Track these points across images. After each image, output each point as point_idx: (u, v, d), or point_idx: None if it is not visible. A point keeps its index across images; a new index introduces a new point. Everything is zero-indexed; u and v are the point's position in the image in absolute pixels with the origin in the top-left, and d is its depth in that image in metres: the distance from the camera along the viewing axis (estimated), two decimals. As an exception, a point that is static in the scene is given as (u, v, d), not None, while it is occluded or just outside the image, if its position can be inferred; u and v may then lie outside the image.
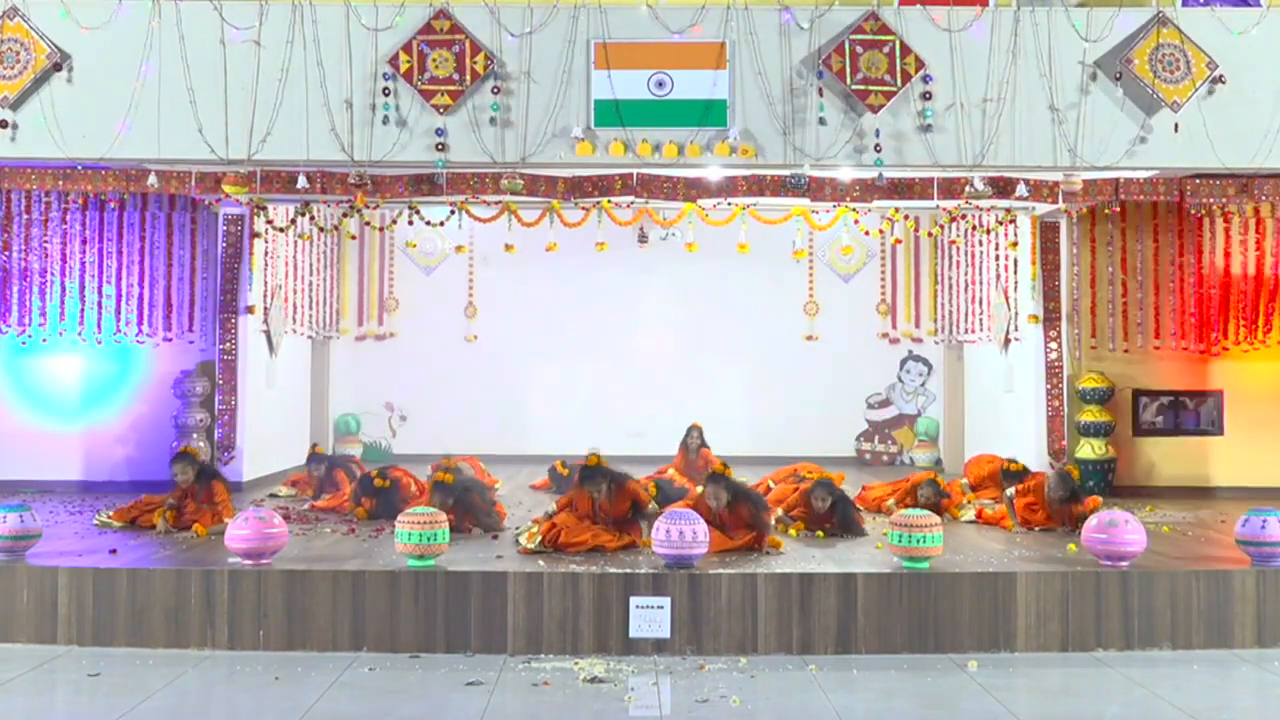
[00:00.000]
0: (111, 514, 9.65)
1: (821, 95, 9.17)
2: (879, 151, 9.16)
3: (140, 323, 12.22)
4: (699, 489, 9.25)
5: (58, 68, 9.13)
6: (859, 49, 9.16)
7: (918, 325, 15.57)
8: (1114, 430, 12.27)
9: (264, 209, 11.81)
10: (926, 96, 9.18)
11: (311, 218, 12.51)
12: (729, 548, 8.46)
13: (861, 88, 9.13)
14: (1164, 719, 6.36)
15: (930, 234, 14.09)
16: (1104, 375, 12.30)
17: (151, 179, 10.12)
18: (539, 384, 15.45)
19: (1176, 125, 9.23)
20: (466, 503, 9.37)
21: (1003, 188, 10.24)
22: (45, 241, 12.09)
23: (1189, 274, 12.42)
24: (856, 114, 9.21)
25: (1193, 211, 12.04)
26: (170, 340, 12.29)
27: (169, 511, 9.34)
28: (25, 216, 12.05)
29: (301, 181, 9.92)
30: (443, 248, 15.55)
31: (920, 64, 9.18)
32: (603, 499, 8.71)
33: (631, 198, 10.59)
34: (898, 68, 9.16)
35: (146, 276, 12.25)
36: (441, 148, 9.16)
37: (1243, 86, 9.32)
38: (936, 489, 10.41)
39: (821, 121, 9.15)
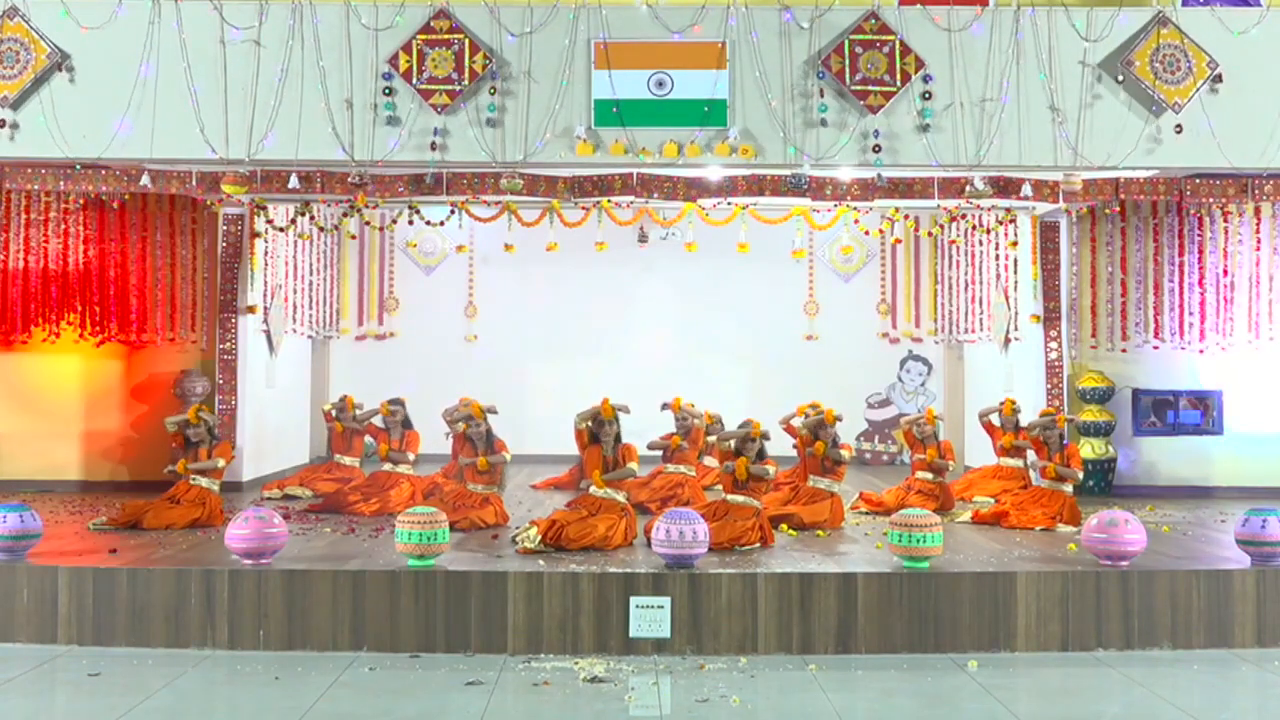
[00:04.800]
0: (106, 520, 9.63)
1: (823, 96, 9.17)
2: (878, 152, 9.16)
3: (141, 322, 12.23)
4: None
5: (59, 68, 9.13)
6: (859, 49, 9.16)
7: (918, 325, 15.56)
8: (1114, 430, 12.28)
9: (264, 209, 11.82)
10: (926, 96, 9.18)
11: (311, 218, 12.51)
12: (732, 537, 8.53)
13: (861, 88, 9.13)
14: (1164, 719, 6.36)
15: (930, 234, 14.09)
16: (1104, 375, 12.31)
17: (144, 180, 10.12)
18: (539, 384, 15.43)
19: (1179, 126, 9.23)
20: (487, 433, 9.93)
21: (1003, 187, 10.25)
22: (45, 241, 12.10)
23: (1189, 274, 12.42)
24: (856, 114, 9.22)
25: (1192, 211, 12.05)
26: (171, 340, 12.29)
27: (183, 460, 9.88)
28: (25, 216, 12.05)
29: (293, 182, 9.92)
30: (443, 248, 15.55)
31: (920, 64, 9.18)
32: (610, 454, 9.00)
33: (631, 197, 10.60)
34: (897, 68, 9.17)
35: (147, 276, 12.25)
36: (435, 147, 9.16)
37: (1244, 86, 9.32)
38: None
39: (823, 123, 9.15)
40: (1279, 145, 9.36)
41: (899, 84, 9.15)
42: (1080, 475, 10.20)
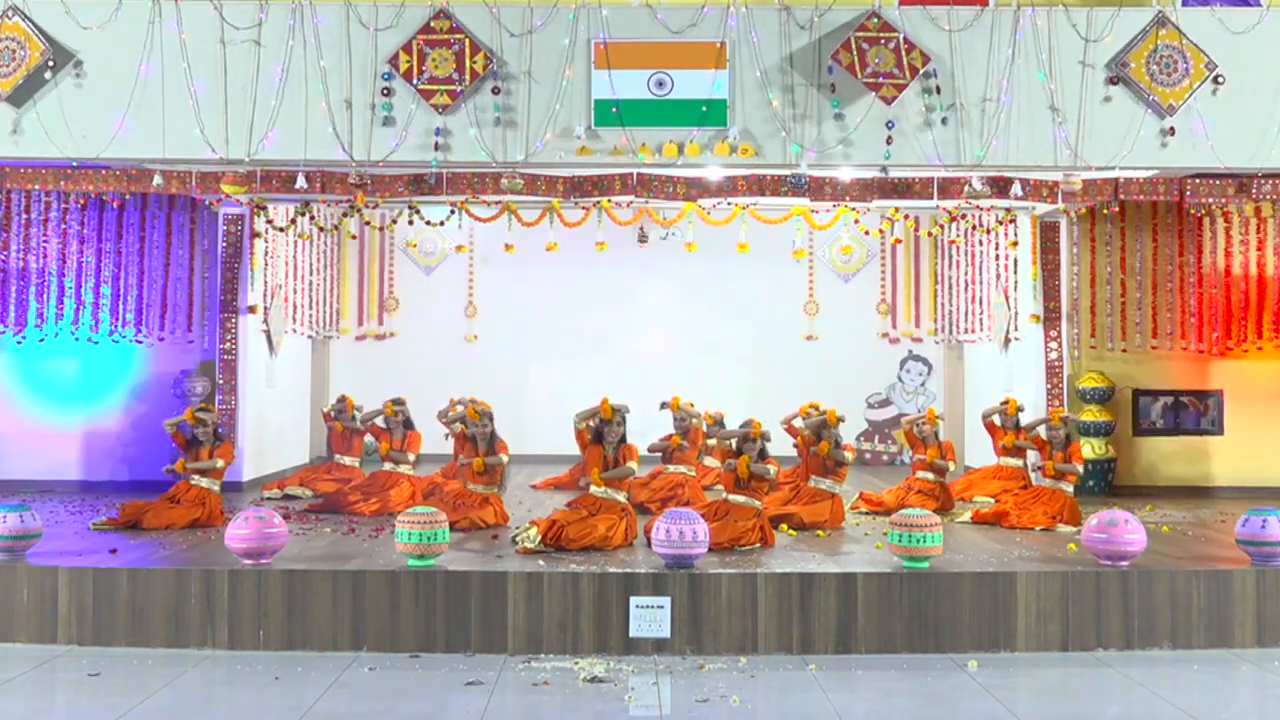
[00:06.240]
0: (106, 520, 9.63)
1: (835, 91, 9.09)
2: (890, 144, 9.12)
3: (139, 322, 12.23)
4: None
5: (51, 67, 9.09)
6: (865, 45, 9.12)
7: (918, 325, 15.56)
8: (1114, 430, 12.28)
9: (264, 209, 11.82)
10: (936, 90, 9.12)
11: (311, 218, 12.51)
12: (732, 537, 8.53)
13: (873, 80, 9.05)
14: (1164, 719, 6.36)
15: (930, 234, 14.09)
16: (1104, 375, 12.31)
17: (157, 179, 10.11)
18: (539, 384, 15.43)
19: (1173, 129, 9.22)
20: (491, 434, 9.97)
21: (1002, 187, 10.24)
22: (45, 241, 12.09)
23: (1189, 274, 12.43)
24: (862, 110, 9.18)
25: (1192, 211, 12.05)
26: (165, 340, 12.28)
27: (182, 459, 9.94)
28: (25, 216, 12.05)
29: (300, 181, 9.91)
30: (443, 248, 15.55)
31: (925, 59, 9.13)
32: (612, 454, 8.99)
33: (631, 197, 10.59)
34: (904, 62, 9.11)
35: (146, 276, 12.25)
36: (437, 147, 9.16)
37: (1244, 86, 9.30)
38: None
39: (838, 117, 9.10)
40: (1276, 145, 9.35)
41: (908, 77, 9.11)
42: (1080, 469, 10.20)
